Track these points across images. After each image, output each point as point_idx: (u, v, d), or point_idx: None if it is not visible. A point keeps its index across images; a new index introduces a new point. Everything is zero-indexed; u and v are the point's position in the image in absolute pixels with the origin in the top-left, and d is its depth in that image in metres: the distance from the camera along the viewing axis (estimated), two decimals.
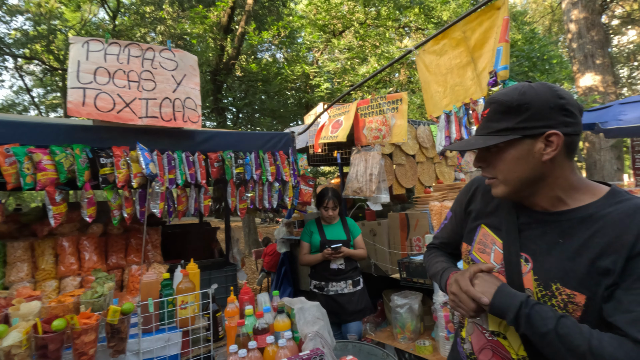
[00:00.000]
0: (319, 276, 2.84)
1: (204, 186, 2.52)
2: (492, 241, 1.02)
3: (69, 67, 2.18)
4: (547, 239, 0.90)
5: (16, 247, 2.29)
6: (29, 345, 1.42)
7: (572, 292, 0.83)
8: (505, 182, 0.93)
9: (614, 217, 0.82)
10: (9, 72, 13.50)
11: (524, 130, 0.86)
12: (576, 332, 0.78)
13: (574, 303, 0.83)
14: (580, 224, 0.86)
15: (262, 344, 1.53)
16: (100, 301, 1.75)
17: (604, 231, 0.82)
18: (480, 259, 1.05)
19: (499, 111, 0.90)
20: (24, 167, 1.95)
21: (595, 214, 0.85)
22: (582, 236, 0.85)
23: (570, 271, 0.84)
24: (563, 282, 0.84)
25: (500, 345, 0.96)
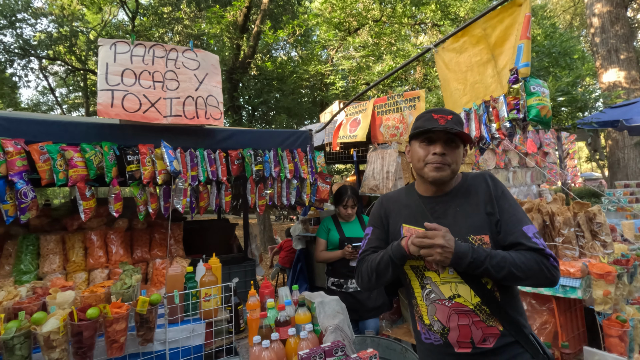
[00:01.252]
0: (337, 273, 2.85)
1: (224, 183, 2.58)
2: (415, 232, 1.28)
3: (99, 70, 2.27)
4: (450, 211, 1.28)
5: (49, 240, 2.41)
6: (65, 331, 1.51)
7: (481, 237, 1.21)
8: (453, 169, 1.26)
9: (472, 183, 1.29)
10: (35, 73, 13.98)
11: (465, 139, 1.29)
12: (500, 257, 1.14)
13: (484, 242, 1.20)
14: (462, 194, 1.29)
15: (284, 336, 1.59)
16: (129, 292, 1.84)
17: (474, 193, 1.27)
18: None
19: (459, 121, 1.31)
20: (57, 164, 2.05)
21: (464, 187, 1.30)
22: (468, 201, 1.26)
23: (472, 223, 1.22)
24: (473, 232, 1.21)
25: (459, 304, 1.22)
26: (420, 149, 1.28)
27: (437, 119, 1.25)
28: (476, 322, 1.20)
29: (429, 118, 1.27)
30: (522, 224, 1.20)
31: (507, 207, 1.22)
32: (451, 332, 1.23)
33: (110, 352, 1.62)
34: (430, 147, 1.25)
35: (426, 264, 1.27)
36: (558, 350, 1.98)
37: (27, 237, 2.41)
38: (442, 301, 1.24)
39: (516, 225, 1.19)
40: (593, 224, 2.20)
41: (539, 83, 1.68)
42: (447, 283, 1.24)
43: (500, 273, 1.13)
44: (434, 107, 1.33)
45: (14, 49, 11.34)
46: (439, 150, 1.23)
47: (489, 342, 1.19)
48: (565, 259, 2.11)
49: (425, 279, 1.28)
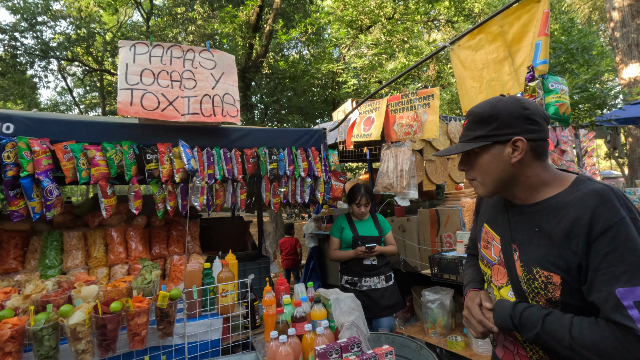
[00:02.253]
0: (351, 272, 2.86)
1: (240, 181, 2.62)
2: (491, 237, 1.16)
3: (119, 70, 2.34)
4: (527, 229, 1.02)
5: (71, 236, 2.49)
6: (90, 324, 1.57)
7: (549, 274, 0.94)
8: (483, 182, 1.07)
9: (573, 203, 0.93)
10: (54, 74, 14.35)
11: (493, 137, 1.00)
12: (559, 326, 0.90)
13: (552, 283, 0.93)
14: (548, 213, 0.98)
15: (300, 331, 1.61)
16: (149, 287, 1.89)
17: (566, 216, 0.92)
18: (485, 254, 1.19)
19: (474, 121, 1.05)
20: (80, 163, 2.11)
21: (559, 203, 0.96)
22: (551, 224, 0.96)
23: (545, 255, 0.95)
24: (541, 266, 0.96)
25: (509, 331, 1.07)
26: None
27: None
28: (522, 356, 1.06)
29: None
30: (617, 283, 0.82)
31: (607, 252, 0.84)
32: (498, 347, 1.16)
33: (132, 344, 1.68)
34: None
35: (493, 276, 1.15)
36: None
37: (52, 233, 2.49)
38: None
39: (608, 283, 0.83)
40: None
41: (558, 80, 1.66)
42: None
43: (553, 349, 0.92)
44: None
45: (35, 50, 11.67)
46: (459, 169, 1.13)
47: None
48: None
49: (489, 288, 1.18)
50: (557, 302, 0.94)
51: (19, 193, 1.97)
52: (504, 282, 1.09)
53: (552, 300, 0.95)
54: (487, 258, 1.17)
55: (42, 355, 1.48)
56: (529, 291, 0.99)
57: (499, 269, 1.11)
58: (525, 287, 1.00)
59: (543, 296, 0.96)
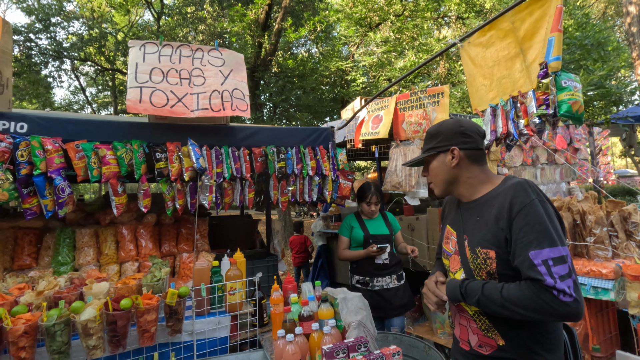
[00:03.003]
0: (362, 271, 2.81)
1: (248, 180, 2.63)
2: (450, 234, 1.41)
3: (129, 69, 2.36)
4: (471, 220, 1.29)
5: (83, 234, 2.53)
6: (101, 320, 1.59)
7: (486, 251, 1.19)
8: (435, 184, 1.39)
9: (500, 194, 1.21)
10: (67, 73, 14.62)
11: (438, 148, 1.33)
12: (493, 290, 1.13)
13: (489, 258, 1.19)
14: (485, 204, 1.25)
15: (307, 330, 1.61)
16: (159, 284, 1.91)
17: (496, 204, 1.20)
18: (445, 248, 1.45)
19: (427, 138, 1.40)
20: (91, 161, 2.15)
21: (492, 195, 1.25)
22: (486, 212, 1.23)
23: (483, 237, 1.21)
24: (481, 245, 1.21)
25: (460, 307, 1.32)
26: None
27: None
28: (473, 328, 1.28)
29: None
30: (530, 247, 1.07)
31: (522, 225, 1.10)
32: (456, 327, 1.38)
33: (142, 341, 1.70)
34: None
35: (450, 265, 1.39)
36: (589, 354, 1.92)
37: (64, 230, 2.54)
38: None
39: (524, 249, 1.08)
40: (628, 224, 2.10)
41: (571, 77, 1.62)
42: None
43: (491, 310, 1.14)
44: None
45: (49, 51, 11.89)
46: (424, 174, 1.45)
47: (484, 350, 1.25)
48: (597, 260, 2.03)
49: (448, 277, 1.42)
50: (494, 274, 1.18)
51: (32, 191, 2.01)
52: (458, 267, 1.34)
53: (490, 273, 1.19)
54: (446, 251, 1.43)
55: (55, 350, 1.51)
56: (474, 268, 1.24)
57: (454, 258, 1.36)
58: (472, 265, 1.25)
59: (484, 270, 1.21)
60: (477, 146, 1.30)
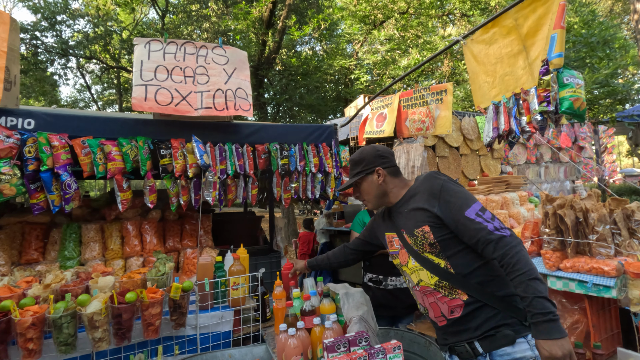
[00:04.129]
0: (376, 269, 2.74)
1: (251, 176, 2.65)
2: (392, 237, 1.63)
3: (134, 67, 2.39)
4: (402, 215, 1.54)
5: (89, 229, 2.57)
6: (107, 313, 1.62)
7: (421, 228, 1.43)
8: (368, 200, 1.64)
9: (418, 187, 1.50)
10: (73, 71, 14.73)
11: (365, 171, 1.59)
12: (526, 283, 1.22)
13: (426, 232, 1.42)
14: (407, 201, 1.53)
15: (309, 325, 1.63)
16: (163, 279, 1.94)
17: (417, 194, 1.48)
18: (392, 250, 1.64)
19: (352, 164, 1.66)
20: (97, 158, 2.18)
21: (411, 193, 1.53)
22: (411, 205, 1.50)
23: (415, 221, 1.46)
24: (415, 227, 1.45)
25: (423, 287, 1.48)
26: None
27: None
28: (439, 298, 1.43)
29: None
30: (463, 209, 1.34)
31: (448, 198, 1.38)
32: (429, 311, 1.50)
33: (146, 334, 1.73)
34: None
35: (400, 260, 1.59)
36: (590, 351, 1.92)
37: (70, 225, 2.58)
38: (414, 287, 1.54)
39: (458, 212, 1.35)
40: (631, 222, 2.09)
41: (573, 74, 1.62)
42: (413, 272, 1.52)
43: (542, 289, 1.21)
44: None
45: (55, 49, 11.98)
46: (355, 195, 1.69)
47: (456, 313, 1.40)
48: (600, 257, 2.03)
49: (403, 273, 1.61)
50: (435, 243, 1.40)
51: (39, 186, 2.04)
52: (407, 258, 1.53)
53: (431, 243, 1.41)
54: (394, 251, 1.62)
55: (61, 342, 1.54)
56: (418, 247, 1.46)
57: (402, 252, 1.56)
58: (415, 247, 1.47)
59: (426, 243, 1.43)
60: (393, 164, 1.62)
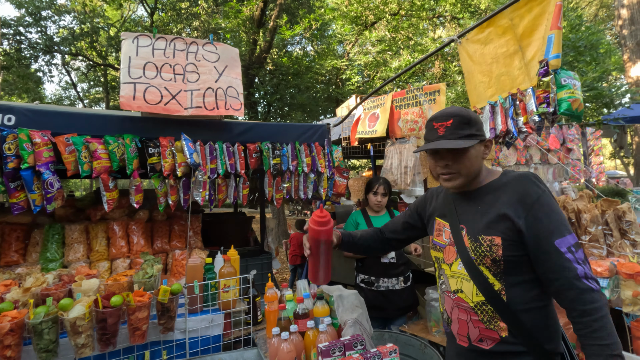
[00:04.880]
0: (368, 270, 2.71)
1: (242, 176, 2.60)
2: (442, 226, 1.37)
3: (121, 63, 2.31)
4: (471, 209, 1.26)
5: (73, 230, 2.48)
6: (91, 318, 1.55)
7: (491, 238, 1.16)
8: (465, 174, 1.23)
9: (507, 184, 1.20)
10: (58, 68, 14.38)
11: (479, 137, 1.21)
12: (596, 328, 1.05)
13: (495, 244, 1.15)
14: (488, 194, 1.24)
15: (302, 328, 1.58)
16: (151, 281, 1.87)
17: (503, 194, 1.19)
18: (438, 241, 1.38)
19: (463, 122, 1.20)
20: (81, 156, 2.10)
21: (495, 186, 1.23)
22: (489, 201, 1.21)
23: (487, 224, 1.18)
24: (485, 233, 1.18)
25: (460, 299, 1.26)
26: (430, 159, 1.30)
27: (437, 128, 1.21)
28: (474, 320, 1.22)
29: (430, 128, 1.25)
30: (554, 236, 1.09)
31: (541, 215, 1.11)
32: (453, 323, 1.30)
33: (132, 339, 1.66)
34: (437, 158, 1.25)
35: (444, 257, 1.33)
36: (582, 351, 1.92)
37: (53, 226, 2.48)
38: (448, 293, 1.31)
39: (547, 238, 1.10)
40: (622, 222, 2.11)
41: (570, 75, 1.62)
42: (455, 277, 1.28)
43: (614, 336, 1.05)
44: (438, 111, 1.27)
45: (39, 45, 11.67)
46: (441, 164, 1.24)
47: (485, 344, 1.20)
48: (592, 258, 2.04)
49: (441, 270, 1.36)
50: (500, 260, 1.15)
51: (19, 185, 1.95)
52: (453, 258, 1.28)
53: (496, 259, 1.15)
54: (439, 243, 1.37)
55: (42, 348, 1.46)
56: (476, 256, 1.19)
57: (449, 249, 1.31)
58: (473, 254, 1.20)
59: (488, 257, 1.16)
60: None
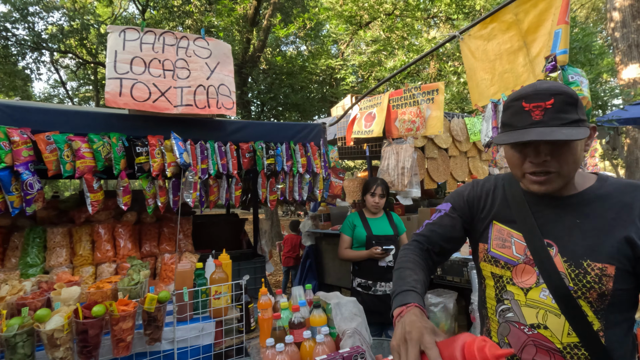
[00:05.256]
0: (365, 274, 2.66)
1: (235, 177, 2.50)
2: (509, 235, 1.04)
3: (107, 58, 2.20)
4: (565, 221, 0.95)
5: (55, 233, 2.35)
6: (70, 329, 1.44)
7: (603, 266, 0.88)
8: (566, 175, 0.92)
9: (614, 192, 0.92)
10: (46, 66, 14.07)
11: (585, 123, 0.88)
12: None
13: (607, 275, 0.87)
14: (590, 203, 0.94)
15: (298, 339, 1.50)
16: (137, 288, 1.76)
17: (613, 205, 0.91)
18: (502, 254, 1.05)
19: (567, 102, 0.87)
20: (63, 155, 1.98)
21: (598, 193, 0.94)
22: (596, 214, 0.92)
23: (595, 246, 0.89)
24: (593, 258, 0.89)
25: (542, 337, 0.95)
26: (513, 152, 0.95)
27: (531, 110, 0.87)
28: None
29: (517, 109, 0.90)
30: None
31: None
32: None
33: (116, 351, 1.55)
34: (527, 152, 0.91)
35: (515, 276, 1.01)
36: None
37: (34, 229, 2.35)
38: (520, 325, 0.99)
39: None
40: None
41: (578, 72, 1.55)
42: (534, 307, 0.97)
43: None
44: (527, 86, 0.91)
45: (26, 42, 11.40)
46: (536, 160, 0.90)
47: None
48: None
49: (506, 293, 1.04)
50: (608, 294, 0.88)
51: None
52: (532, 282, 0.98)
53: (604, 294, 0.88)
54: (506, 258, 1.04)
55: None
56: (577, 288, 0.90)
57: (525, 268, 0.99)
58: (572, 284, 0.90)
59: (596, 290, 0.88)
60: None
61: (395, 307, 0.91)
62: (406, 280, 0.96)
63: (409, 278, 0.97)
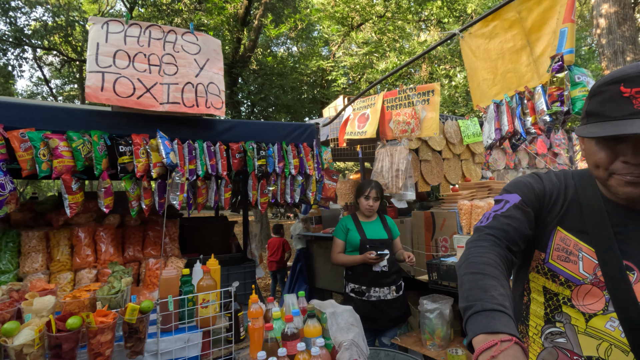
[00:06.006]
0: (358, 279, 2.57)
1: (225, 178, 2.39)
2: (576, 247, 0.86)
3: (88, 50, 2.07)
4: None
5: (31, 237, 2.20)
6: (42, 344, 1.31)
7: None
8: None
9: None
10: (29, 63, 13.68)
11: None
12: None
13: None
14: None
15: (292, 351, 1.40)
16: (117, 297, 1.64)
17: None
18: (565, 269, 0.87)
19: None
20: (39, 153, 1.85)
21: None
22: None
23: None
24: None
25: None
26: (598, 149, 0.78)
27: (631, 96, 0.69)
28: None
29: (612, 96, 0.72)
30: None
31: None
32: None
33: None
34: (620, 149, 0.74)
35: (577, 298, 0.86)
36: None
37: (7, 232, 2.20)
38: (573, 355, 0.86)
39: None
40: None
41: (584, 72, 1.51)
42: (595, 337, 0.82)
43: None
44: (626, 67, 0.72)
45: (8, 37, 11.03)
46: (635, 161, 0.73)
47: None
48: None
49: (560, 315, 0.89)
50: None
51: None
52: (598, 308, 0.82)
53: None
54: (568, 274, 0.87)
55: None
56: None
57: (590, 290, 0.84)
58: None
59: None
60: None
61: (480, 333, 0.63)
62: (490, 294, 0.69)
63: (494, 291, 0.70)
